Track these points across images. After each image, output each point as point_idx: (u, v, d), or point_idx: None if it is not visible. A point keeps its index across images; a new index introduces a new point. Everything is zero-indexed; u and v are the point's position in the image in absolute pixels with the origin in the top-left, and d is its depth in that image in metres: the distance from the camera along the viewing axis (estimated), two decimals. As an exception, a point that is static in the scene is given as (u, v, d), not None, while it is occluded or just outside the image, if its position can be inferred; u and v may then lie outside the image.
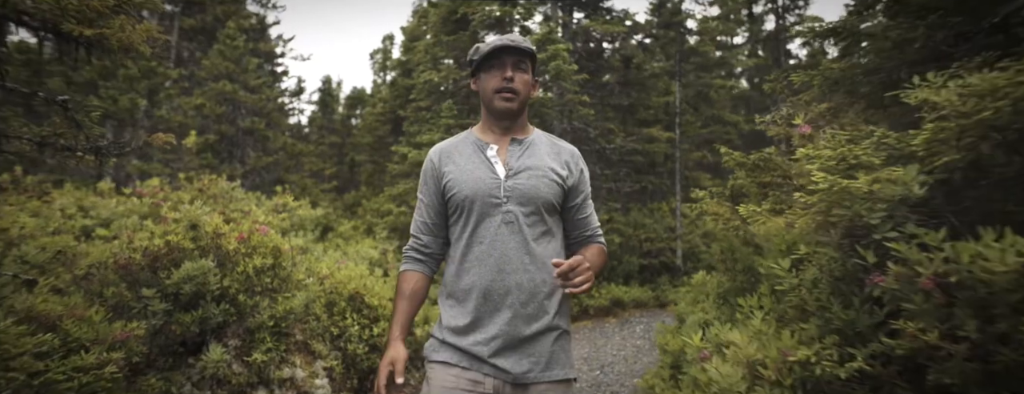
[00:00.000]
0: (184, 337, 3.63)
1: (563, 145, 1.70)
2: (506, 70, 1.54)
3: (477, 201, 1.51)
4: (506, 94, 1.55)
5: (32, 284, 2.63)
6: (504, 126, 1.62)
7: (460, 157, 1.59)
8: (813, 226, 2.48)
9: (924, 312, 1.82)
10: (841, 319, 2.20)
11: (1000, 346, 1.60)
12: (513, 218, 1.50)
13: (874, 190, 2.14)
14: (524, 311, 1.47)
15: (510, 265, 1.47)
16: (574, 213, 1.66)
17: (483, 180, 1.52)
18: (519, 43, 1.55)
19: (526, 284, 1.48)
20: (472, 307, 1.48)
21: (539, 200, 1.52)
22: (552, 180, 1.56)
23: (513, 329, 1.45)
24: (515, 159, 1.57)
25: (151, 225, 4.30)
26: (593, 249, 1.67)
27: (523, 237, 1.49)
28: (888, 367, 1.95)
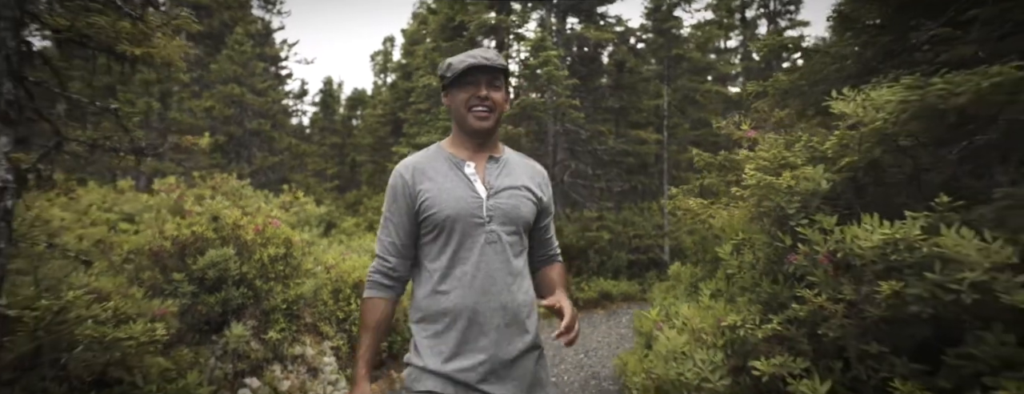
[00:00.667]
0: (208, 317, 4.05)
1: (534, 165, 1.66)
2: (480, 88, 1.47)
3: (459, 221, 1.43)
4: (480, 113, 1.48)
5: (89, 264, 3.05)
6: (478, 143, 1.54)
7: (436, 174, 1.50)
8: (748, 216, 2.91)
9: (822, 282, 2.25)
10: (767, 292, 2.64)
11: (868, 306, 2.03)
12: (496, 238, 1.45)
13: (792, 185, 2.57)
14: (508, 332, 1.43)
15: (495, 286, 1.42)
16: (542, 232, 1.64)
17: (464, 199, 1.45)
18: (492, 61, 1.48)
19: (510, 304, 1.43)
20: (457, 331, 1.41)
21: (520, 220, 1.49)
22: (529, 199, 1.53)
23: (500, 351, 1.41)
24: (494, 177, 1.51)
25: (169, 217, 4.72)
26: (557, 269, 1.69)
27: (506, 257, 1.45)
28: (796, 329, 2.38)
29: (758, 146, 3.27)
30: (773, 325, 2.40)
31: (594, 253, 10.65)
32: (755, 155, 2.95)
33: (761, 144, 3.28)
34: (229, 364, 4.00)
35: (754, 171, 2.75)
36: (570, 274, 10.16)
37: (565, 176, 12.34)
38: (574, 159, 12.84)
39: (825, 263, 2.24)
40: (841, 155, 2.57)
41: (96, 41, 2.81)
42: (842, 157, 2.55)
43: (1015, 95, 1.97)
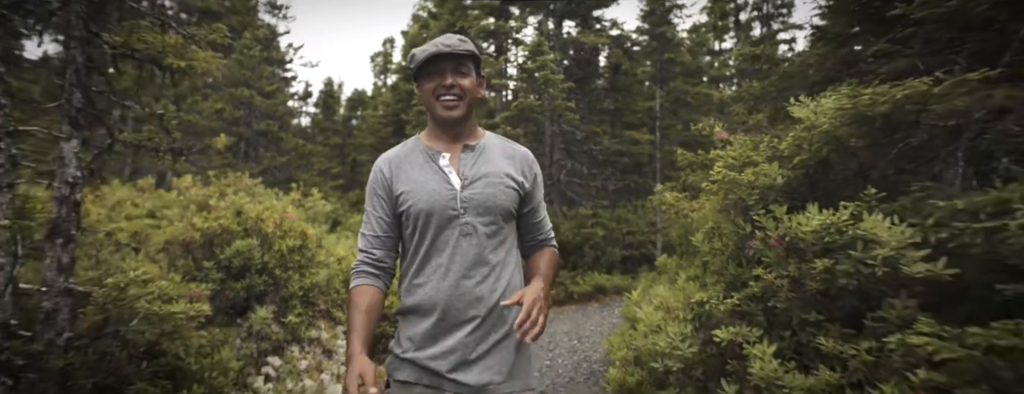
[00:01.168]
0: (234, 301, 4.43)
1: (517, 148, 1.58)
2: (445, 77, 1.43)
3: (434, 214, 1.41)
4: (447, 101, 1.44)
5: (137, 251, 3.43)
6: (452, 133, 1.50)
7: (411, 168, 1.48)
8: (717, 208, 3.30)
9: (773, 262, 2.64)
10: (731, 274, 3.03)
11: (808, 280, 2.42)
12: (471, 229, 1.41)
13: (753, 181, 2.96)
14: (484, 323, 1.40)
15: (470, 279, 1.40)
16: (529, 218, 1.58)
17: (438, 192, 1.42)
18: (455, 48, 1.42)
19: (486, 295, 1.40)
20: (431, 321, 1.40)
21: (497, 209, 1.43)
22: (508, 186, 1.47)
23: (473, 341, 1.38)
24: (469, 167, 1.46)
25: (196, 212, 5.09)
26: (545, 256, 1.59)
27: (481, 248, 1.41)
28: (753, 304, 2.76)
29: (730, 146, 3.66)
30: (734, 300, 2.79)
31: (589, 249, 11.03)
32: (724, 154, 3.33)
33: (733, 144, 3.67)
34: (253, 344, 4.38)
35: (721, 168, 3.14)
36: (566, 269, 10.54)
37: (561, 175, 12.74)
38: (570, 159, 13.22)
39: (776, 246, 2.63)
40: (795, 154, 2.96)
41: (145, 55, 3.17)
42: (796, 156, 2.94)
43: (924, 105, 2.35)
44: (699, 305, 2.90)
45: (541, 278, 1.46)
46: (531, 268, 1.57)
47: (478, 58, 1.51)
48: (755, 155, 3.21)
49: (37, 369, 2.40)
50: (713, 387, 2.70)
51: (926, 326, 1.82)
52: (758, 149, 3.37)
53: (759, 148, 3.36)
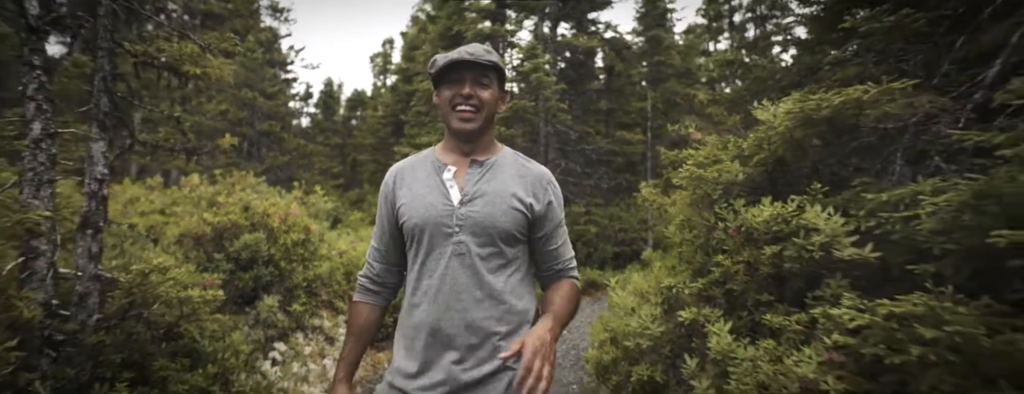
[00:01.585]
0: (242, 291, 4.71)
1: (532, 167, 1.45)
2: (464, 86, 1.34)
3: (427, 230, 1.32)
4: (464, 113, 1.34)
5: (156, 242, 3.70)
6: (466, 147, 1.41)
7: (414, 180, 1.40)
8: (688, 202, 3.58)
9: (731, 249, 2.92)
10: (699, 262, 3.31)
11: (760, 265, 2.70)
12: (465, 249, 1.30)
13: (717, 177, 3.24)
14: (473, 353, 1.28)
15: (460, 302, 1.29)
16: (543, 244, 1.42)
17: (434, 206, 1.33)
18: (478, 57, 1.34)
19: (477, 323, 1.29)
20: (420, 347, 1.30)
21: (495, 230, 1.31)
22: (512, 207, 1.34)
23: (461, 373, 1.27)
24: (472, 183, 1.36)
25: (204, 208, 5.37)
26: (562, 290, 1.42)
27: (475, 271, 1.30)
28: (715, 287, 3.05)
29: (702, 146, 3.94)
30: (698, 285, 3.08)
31: (582, 245, 11.32)
32: (695, 153, 3.62)
33: (705, 144, 3.95)
34: (260, 331, 4.65)
35: (690, 166, 3.42)
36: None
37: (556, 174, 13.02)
38: (565, 158, 13.51)
39: (734, 235, 2.91)
40: (756, 153, 3.24)
41: (164, 63, 3.45)
42: (756, 155, 3.22)
43: (859, 110, 2.64)
44: (668, 289, 3.19)
45: (551, 317, 1.29)
46: (546, 304, 1.40)
47: (502, 71, 1.40)
48: (722, 154, 3.49)
49: (74, 345, 2.68)
50: (678, 363, 2.98)
51: (848, 301, 2.10)
52: (726, 148, 3.66)
53: (727, 148, 3.64)
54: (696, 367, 2.76)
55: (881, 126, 2.93)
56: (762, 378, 2.09)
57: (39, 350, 2.45)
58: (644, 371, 3.05)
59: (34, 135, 2.58)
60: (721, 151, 3.55)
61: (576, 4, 13.55)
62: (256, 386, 3.90)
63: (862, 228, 2.42)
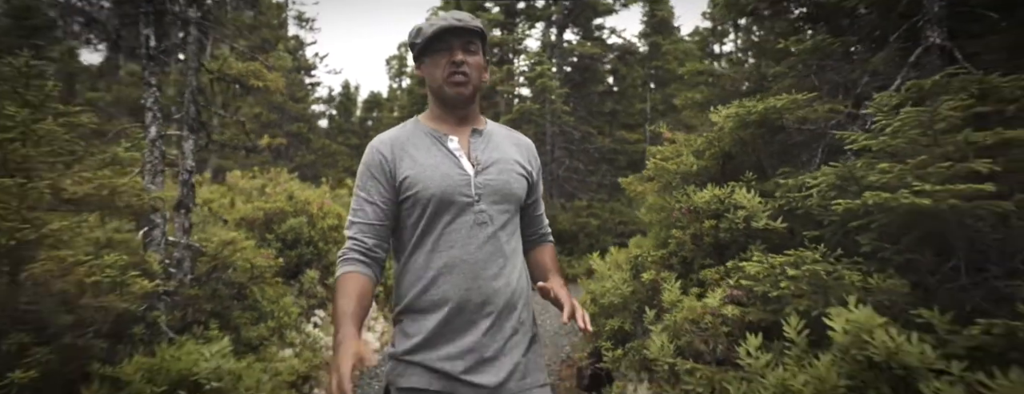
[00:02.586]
0: (288, 266, 5.49)
1: (520, 137, 1.49)
2: (454, 53, 1.30)
3: (445, 200, 1.27)
4: (457, 79, 1.31)
5: (226, 222, 4.48)
6: (459, 115, 1.38)
7: (417, 151, 1.33)
8: (655, 189, 4.28)
9: (682, 225, 3.61)
10: (662, 237, 4.00)
11: (704, 236, 3.38)
12: (487, 218, 1.28)
13: (676, 168, 3.93)
14: (502, 320, 1.28)
15: (487, 271, 1.26)
16: (532, 210, 1.48)
17: (450, 176, 1.29)
18: (466, 22, 1.31)
19: (503, 290, 1.28)
20: (444, 320, 1.25)
21: (512, 197, 1.33)
22: (520, 174, 1.36)
23: (489, 340, 1.26)
24: (480, 152, 1.34)
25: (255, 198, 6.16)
26: (549, 252, 1.52)
27: (496, 238, 1.29)
28: (671, 256, 3.74)
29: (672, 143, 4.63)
30: (660, 254, 3.77)
31: (584, 236, 12.01)
32: (662, 149, 4.31)
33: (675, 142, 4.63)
34: (304, 300, 5.43)
35: (656, 160, 4.12)
36: (563, 254, 11.54)
37: (561, 171, 13.73)
38: (570, 157, 14.20)
39: (685, 213, 3.60)
40: (708, 149, 3.93)
41: (233, 78, 4.23)
42: (708, 150, 3.91)
43: (781, 115, 3.31)
44: (635, 258, 3.89)
45: (558, 275, 1.43)
46: (540, 265, 1.47)
47: (486, 37, 1.37)
48: (684, 149, 4.18)
49: (177, 296, 3.46)
50: (642, 315, 3.68)
51: (756, 257, 2.79)
52: (688, 145, 4.34)
53: (689, 144, 4.33)
54: (653, 317, 3.45)
55: (805, 128, 3.60)
56: (689, 314, 2.78)
57: (158, 297, 3.22)
58: (616, 323, 3.76)
59: (151, 136, 3.36)
60: (685, 147, 4.24)
61: (581, 11, 14.22)
62: (303, 341, 4.67)
63: (777, 206, 3.11)
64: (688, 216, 3.57)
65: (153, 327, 3.09)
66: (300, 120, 13.56)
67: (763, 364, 2.24)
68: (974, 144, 2.08)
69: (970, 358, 1.73)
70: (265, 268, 3.96)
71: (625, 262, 4.06)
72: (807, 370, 2.02)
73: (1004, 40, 3.02)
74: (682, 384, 2.65)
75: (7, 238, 2.20)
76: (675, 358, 2.73)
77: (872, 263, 2.43)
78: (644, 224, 5.80)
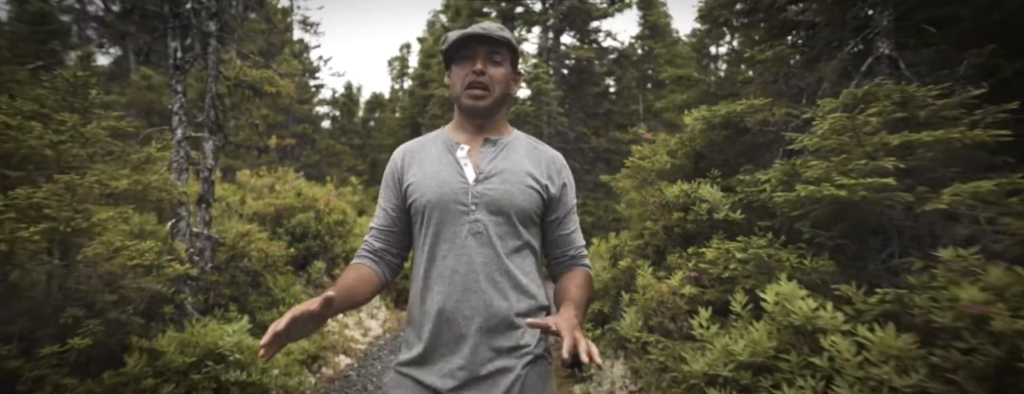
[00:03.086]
0: (296, 257, 5.84)
1: (545, 150, 1.38)
2: (476, 62, 1.25)
3: (439, 208, 1.23)
4: (475, 90, 1.26)
5: (241, 216, 4.83)
6: (477, 125, 1.32)
7: (425, 158, 1.31)
8: (634, 185, 4.62)
9: (656, 217, 3.95)
10: (639, 229, 4.34)
11: (673, 227, 3.72)
12: (482, 228, 1.21)
13: (650, 166, 4.26)
14: (492, 337, 1.19)
15: (477, 283, 1.19)
16: (556, 228, 1.34)
17: (448, 183, 1.24)
18: (491, 32, 1.25)
19: (496, 305, 1.19)
20: (432, 333, 1.20)
21: (513, 208, 1.23)
22: (529, 186, 1.26)
23: (480, 358, 1.18)
24: (487, 161, 1.28)
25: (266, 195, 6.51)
26: (578, 277, 1.31)
27: (494, 250, 1.21)
28: (645, 245, 4.07)
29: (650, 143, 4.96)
30: (636, 244, 4.11)
31: (579, 233, 12.35)
32: (640, 149, 4.65)
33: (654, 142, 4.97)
34: (311, 289, 5.78)
35: (634, 159, 4.46)
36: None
37: (557, 170, 14.06)
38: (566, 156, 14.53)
39: (657, 207, 3.94)
40: (680, 148, 4.26)
41: (248, 84, 4.57)
42: (680, 150, 4.25)
43: (743, 118, 3.65)
44: (614, 248, 4.23)
45: (572, 304, 1.18)
46: (561, 292, 1.28)
47: (515, 49, 1.31)
48: (661, 149, 4.52)
49: (200, 281, 3.81)
50: (619, 299, 4.02)
51: (715, 244, 3.12)
52: (667, 145, 4.69)
53: (667, 145, 4.67)
54: (628, 300, 3.80)
55: (767, 130, 3.94)
56: (655, 295, 3.12)
57: (184, 281, 3.57)
58: (596, 306, 4.10)
59: (177, 137, 3.70)
60: (660, 147, 4.58)
61: (577, 15, 14.55)
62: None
63: (737, 200, 3.45)
64: (660, 209, 3.91)
65: (181, 308, 3.43)
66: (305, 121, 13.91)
67: (712, 334, 2.58)
68: (887, 145, 2.42)
69: (876, 321, 2.07)
70: (278, 257, 4.30)
71: (606, 252, 4.40)
72: (746, 336, 2.36)
73: (932, 53, 3.35)
74: (648, 355, 2.99)
75: (64, 226, 2.54)
76: (642, 332, 3.07)
77: (811, 248, 2.77)
78: (625, 218, 6.13)
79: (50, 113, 2.92)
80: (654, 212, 3.97)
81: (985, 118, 2.34)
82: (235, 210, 5.48)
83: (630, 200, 4.59)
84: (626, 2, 14.56)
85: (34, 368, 2.38)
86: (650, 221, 3.98)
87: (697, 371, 2.44)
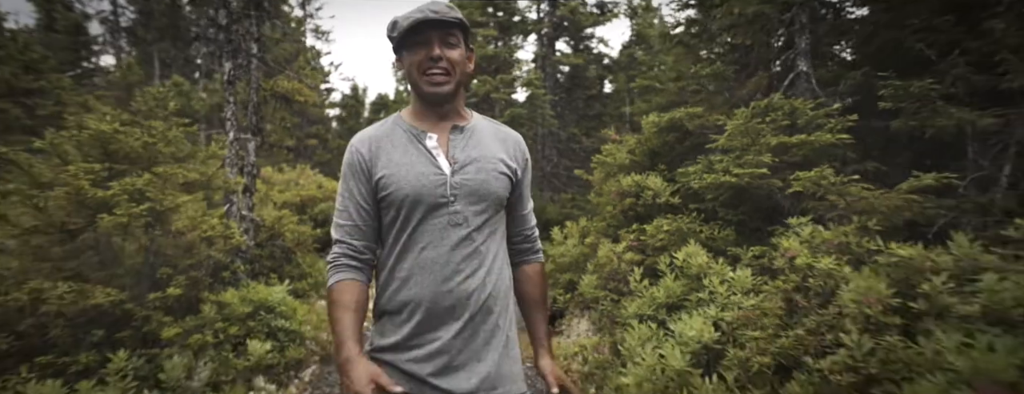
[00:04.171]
0: (318, 240, 6.61)
1: (508, 132, 1.32)
2: (433, 48, 1.15)
3: (420, 201, 1.15)
4: (435, 75, 1.16)
5: (274, 204, 5.60)
6: (440, 112, 1.23)
7: (393, 149, 1.21)
8: (600, 178, 5.38)
9: (615, 203, 4.71)
10: (603, 213, 5.10)
11: (627, 211, 4.47)
12: (462, 219, 1.16)
13: (612, 161, 5.02)
14: (473, 323, 1.16)
15: (459, 273, 1.15)
16: (515, 208, 1.31)
17: (425, 175, 1.17)
18: (444, 14, 1.16)
19: (477, 293, 1.16)
20: (414, 320, 1.15)
21: (490, 197, 1.19)
22: (502, 172, 1.22)
23: (461, 343, 1.15)
24: (459, 150, 1.21)
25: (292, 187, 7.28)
26: (534, 281, 1.33)
27: (472, 240, 1.17)
28: (608, 227, 4.83)
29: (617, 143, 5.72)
30: (601, 225, 4.87)
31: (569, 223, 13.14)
32: (607, 148, 5.41)
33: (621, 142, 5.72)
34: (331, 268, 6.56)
35: (600, 156, 5.22)
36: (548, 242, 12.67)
37: (549, 168, 14.84)
38: (558, 155, 15.32)
39: (615, 195, 4.70)
40: (638, 147, 5.02)
41: (280, 94, 5.33)
42: (639, 148, 5.01)
43: (684, 123, 4.41)
44: (582, 228, 4.99)
45: (546, 345, 1.29)
46: (523, 301, 1.33)
47: (467, 28, 1.24)
48: (623, 148, 5.28)
49: (247, 254, 4.57)
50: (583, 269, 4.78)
51: (655, 222, 3.87)
52: (628, 145, 5.44)
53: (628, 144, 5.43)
54: (592, 270, 4.56)
55: (704, 132, 4.70)
56: (605, 260, 3.88)
57: (237, 253, 4.33)
58: (567, 277, 4.86)
59: (230, 139, 4.47)
60: (624, 146, 5.34)
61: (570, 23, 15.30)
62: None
63: (677, 188, 4.21)
64: (618, 196, 4.67)
65: (234, 273, 4.20)
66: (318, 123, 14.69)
67: (644, 286, 3.34)
68: (768, 145, 3.18)
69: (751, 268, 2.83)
70: (308, 236, 5.07)
71: (576, 232, 5.17)
72: (663, 286, 3.12)
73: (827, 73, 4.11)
74: (598, 305, 3.76)
75: (159, 205, 3.31)
76: (597, 290, 3.84)
77: (722, 222, 3.54)
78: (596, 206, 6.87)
79: (140, 121, 3.69)
80: (614, 199, 4.73)
81: (837, 125, 3.09)
82: (271, 198, 6.25)
83: (598, 190, 5.35)
84: (615, 12, 15.30)
85: (142, 310, 3.16)
86: (610, 206, 4.74)
87: (631, 313, 3.20)
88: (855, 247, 2.28)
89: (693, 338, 2.21)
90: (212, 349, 3.27)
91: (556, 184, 14.92)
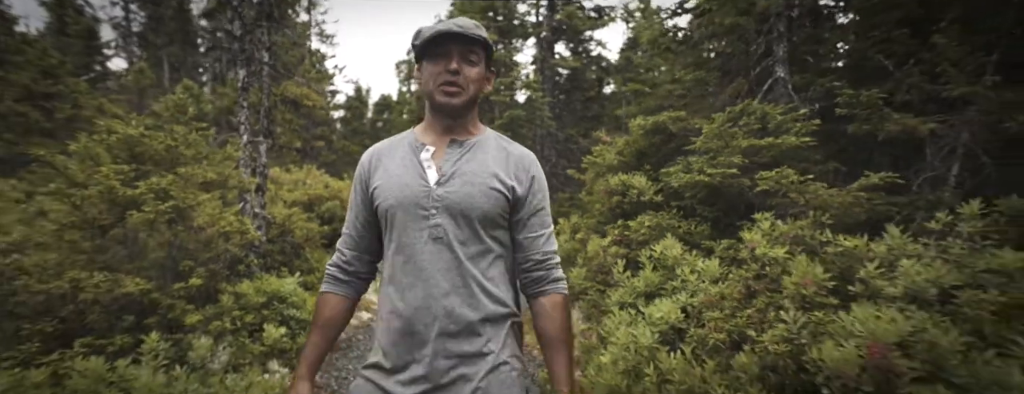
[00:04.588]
0: (325, 236, 6.87)
1: (514, 149, 1.25)
2: (451, 61, 1.15)
3: (401, 212, 1.14)
4: (448, 88, 1.15)
5: (285, 202, 5.86)
6: (446, 124, 1.21)
7: (391, 160, 1.21)
8: (591, 177, 5.62)
9: (605, 200, 4.96)
10: (593, 210, 5.35)
11: (615, 207, 4.73)
12: (442, 233, 1.12)
13: (602, 162, 5.27)
14: (453, 343, 1.11)
15: (438, 288, 1.10)
16: (520, 230, 1.20)
17: (410, 186, 1.15)
18: (467, 30, 1.14)
19: (457, 311, 1.10)
20: (392, 338, 1.13)
21: (474, 212, 1.13)
22: (492, 189, 1.15)
23: (441, 365, 1.10)
24: (450, 163, 1.17)
25: (300, 187, 7.54)
26: (553, 318, 1.18)
27: (454, 255, 1.12)
28: (598, 224, 5.07)
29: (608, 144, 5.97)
30: (591, 222, 5.12)
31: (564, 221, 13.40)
32: (598, 149, 5.66)
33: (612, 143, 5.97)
34: (338, 263, 6.83)
35: (590, 157, 5.47)
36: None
37: (548, 168, 15.10)
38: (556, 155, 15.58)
39: (604, 193, 4.95)
40: (626, 148, 5.27)
41: (290, 99, 5.60)
42: (626, 149, 5.26)
43: (668, 126, 4.65)
44: (574, 224, 5.24)
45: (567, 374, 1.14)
46: (542, 338, 1.19)
47: (490, 48, 1.21)
48: (612, 149, 5.53)
49: (260, 249, 4.84)
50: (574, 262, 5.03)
51: (639, 218, 4.12)
52: (616, 146, 5.69)
53: (616, 146, 5.68)
54: (581, 263, 4.81)
55: (685, 134, 4.94)
56: (593, 254, 4.13)
57: (251, 248, 4.59)
58: (560, 270, 5.12)
59: (244, 141, 4.73)
60: (613, 147, 5.59)
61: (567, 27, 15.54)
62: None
63: (660, 187, 4.46)
64: (606, 195, 4.92)
65: (249, 267, 4.46)
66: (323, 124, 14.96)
67: (626, 277, 3.59)
68: (739, 147, 3.42)
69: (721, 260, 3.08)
70: (315, 232, 5.32)
71: (569, 229, 5.42)
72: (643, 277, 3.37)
73: (802, 80, 4.35)
74: (586, 296, 4.01)
75: (182, 202, 3.57)
76: (586, 281, 4.09)
77: (700, 218, 3.79)
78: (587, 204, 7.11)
79: (162, 125, 3.94)
80: (602, 197, 4.98)
81: (802, 129, 3.34)
82: (280, 197, 6.52)
83: (588, 189, 5.60)
84: (611, 16, 15.53)
85: (167, 299, 3.42)
86: (599, 204, 4.99)
87: (614, 301, 3.45)
88: (809, 239, 2.53)
89: (661, 319, 2.46)
90: (230, 335, 3.53)
91: (554, 184, 15.18)
